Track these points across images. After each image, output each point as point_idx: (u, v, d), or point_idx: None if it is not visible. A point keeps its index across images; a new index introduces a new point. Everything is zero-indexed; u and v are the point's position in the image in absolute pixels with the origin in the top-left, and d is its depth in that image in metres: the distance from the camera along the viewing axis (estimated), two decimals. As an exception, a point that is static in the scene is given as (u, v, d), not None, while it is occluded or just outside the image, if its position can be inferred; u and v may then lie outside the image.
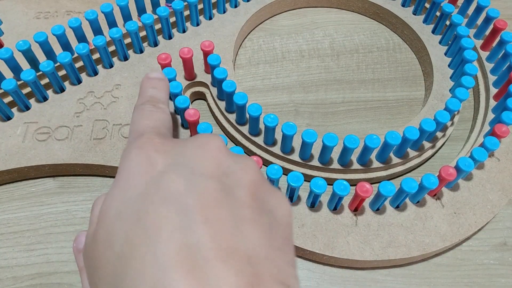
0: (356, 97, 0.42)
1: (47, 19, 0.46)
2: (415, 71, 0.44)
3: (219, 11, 0.46)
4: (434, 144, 0.36)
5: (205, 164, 0.17)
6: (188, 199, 0.15)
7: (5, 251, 0.32)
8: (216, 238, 0.14)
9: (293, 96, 0.42)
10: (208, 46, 0.37)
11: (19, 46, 0.36)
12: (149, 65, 0.41)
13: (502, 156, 0.35)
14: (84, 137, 0.36)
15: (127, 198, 0.16)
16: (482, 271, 0.32)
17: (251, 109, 0.33)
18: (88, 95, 0.38)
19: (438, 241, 0.31)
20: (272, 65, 0.44)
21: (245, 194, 0.16)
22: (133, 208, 0.16)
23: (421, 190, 0.30)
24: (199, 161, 0.17)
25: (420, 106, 0.41)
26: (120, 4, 0.40)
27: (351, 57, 0.45)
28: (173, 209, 0.15)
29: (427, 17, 0.45)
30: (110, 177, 0.36)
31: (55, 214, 0.34)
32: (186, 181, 0.16)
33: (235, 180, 0.17)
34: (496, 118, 0.37)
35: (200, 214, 0.15)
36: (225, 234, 0.14)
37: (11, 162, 0.34)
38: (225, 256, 0.14)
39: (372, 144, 0.31)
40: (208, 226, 0.14)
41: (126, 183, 0.17)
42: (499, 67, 0.40)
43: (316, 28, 0.48)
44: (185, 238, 0.14)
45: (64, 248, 0.32)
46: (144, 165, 0.17)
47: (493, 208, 0.32)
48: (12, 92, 0.35)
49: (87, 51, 0.37)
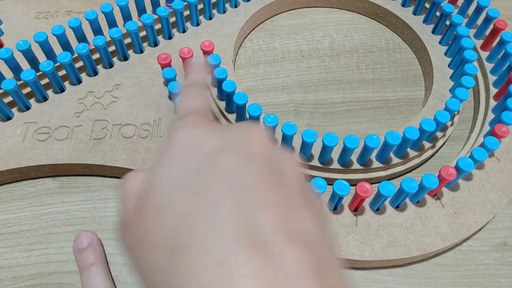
0: (356, 97, 0.42)
1: (47, 19, 0.46)
2: (415, 71, 0.44)
3: (219, 11, 0.46)
4: (434, 144, 0.36)
5: (255, 148, 0.17)
6: (243, 178, 0.15)
7: (5, 251, 0.32)
8: (276, 220, 0.14)
9: (293, 96, 0.42)
10: (208, 46, 0.37)
11: (19, 46, 0.36)
12: (149, 65, 0.41)
13: (502, 156, 0.35)
14: (84, 137, 0.36)
15: (182, 171, 0.16)
16: (482, 271, 0.32)
17: (251, 109, 0.33)
18: (88, 95, 0.38)
19: (438, 241, 0.31)
20: (272, 65, 0.44)
21: (294, 182, 0.17)
22: (189, 181, 0.15)
23: (421, 190, 0.30)
24: (249, 144, 0.17)
25: (420, 106, 0.41)
26: (120, 4, 0.40)
27: (351, 57, 0.45)
28: (230, 187, 0.15)
29: (427, 17, 0.45)
30: (110, 177, 0.36)
31: (55, 214, 0.34)
32: (239, 161, 0.16)
33: (282, 168, 0.17)
34: (496, 118, 0.37)
35: (257, 195, 0.15)
36: (284, 217, 0.14)
37: (11, 162, 0.34)
38: (288, 237, 0.14)
39: (372, 144, 0.31)
40: (267, 209, 0.14)
41: (179, 157, 0.17)
42: (499, 67, 0.40)
43: (316, 28, 0.48)
44: (245, 218, 0.14)
45: (64, 248, 0.32)
46: (197, 142, 0.17)
47: (493, 208, 0.32)
48: (12, 92, 0.35)
49: (87, 51, 0.37)
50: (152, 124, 0.37)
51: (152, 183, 0.17)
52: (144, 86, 0.39)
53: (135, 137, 0.36)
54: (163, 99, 0.38)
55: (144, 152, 0.35)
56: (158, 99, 0.38)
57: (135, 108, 0.38)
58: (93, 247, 0.29)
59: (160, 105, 0.38)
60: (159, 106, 0.38)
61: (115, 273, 0.30)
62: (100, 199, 0.34)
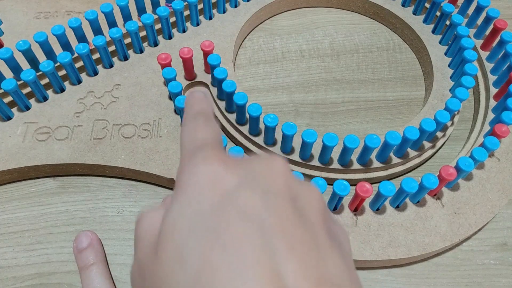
0: (356, 97, 0.42)
1: (47, 19, 0.46)
2: (415, 71, 0.44)
3: (219, 11, 0.45)
4: (434, 144, 0.36)
5: (276, 183, 0.16)
6: (266, 218, 0.14)
7: (5, 251, 0.32)
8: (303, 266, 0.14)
9: (293, 96, 0.42)
10: (208, 46, 0.37)
11: (19, 46, 0.36)
12: (149, 65, 0.41)
13: (502, 156, 0.35)
14: (84, 137, 0.36)
15: (199, 212, 0.15)
16: (482, 271, 0.32)
17: (251, 109, 0.33)
18: (88, 95, 0.38)
19: (438, 241, 0.31)
20: (272, 65, 0.44)
21: (317, 218, 0.16)
22: (207, 223, 0.14)
23: (421, 190, 0.30)
24: (270, 180, 0.16)
25: (420, 106, 0.41)
26: (120, 4, 0.40)
27: (351, 57, 0.45)
28: (253, 228, 0.14)
29: (427, 17, 0.45)
30: (110, 177, 0.36)
31: (55, 214, 0.34)
32: (261, 199, 0.15)
33: (305, 203, 0.16)
34: (496, 118, 0.37)
35: (282, 236, 0.14)
36: (312, 261, 0.14)
37: (11, 162, 0.34)
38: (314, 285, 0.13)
39: (372, 144, 0.31)
40: (294, 253, 0.14)
41: (196, 195, 0.16)
42: (499, 67, 0.40)
43: (316, 28, 0.48)
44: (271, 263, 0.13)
45: (64, 248, 0.32)
46: (215, 179, 0.16)
47: (493, 208, 0.32)
48: (12, 92, 0.35)
49: (87, 51, 0.37)
50: (152, 124, 0.37)
51: (167, 225, 0.15)
52: (144, 86, 0.39)
53: (135, 137, 0.36)
54: (163, 99, 0.38)
55: (144, 152, 0.35)
56: (158, 99, 0.38)
57: (135, 108, 0.38)
58: (93, 247, 0.29)
59: (160, 105, 0.38)
60: (159, 106, 0.38)
61: (115, 273, 0.30)
62: (100, 199, 0.34)
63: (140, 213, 0.18)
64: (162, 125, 0.37)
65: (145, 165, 0.34)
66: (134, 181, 0.36)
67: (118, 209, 0.34)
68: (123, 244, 0.32)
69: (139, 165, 0.34)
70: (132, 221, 0.33)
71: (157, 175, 0.34)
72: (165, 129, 0.36)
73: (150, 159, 0.34)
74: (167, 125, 0.37)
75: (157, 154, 0.35)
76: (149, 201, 0.34)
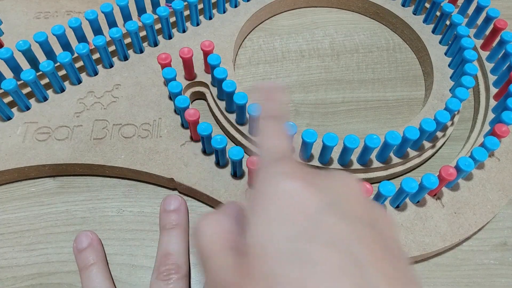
0: (356, 97, 0.42)
1: (47, 19, 0.46)
2: (415, 71, 0.44)
3: (219, 11, 0.45)
4: (434, 144, 0.36)
5: (356, 208, 0.16)
6: (353, 245, 0.15)
7: (5, 251, 0.32)
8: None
9: (293, 96, 0.42)
10: (208, 46, 0.37)
11: (19, 46, 0.36)
12: (149, 65, 0.41)
13: (502, 156, 0.35)
14: (84, 137, 0.36)
15: (286, 235, 0.15)
16: (482, 271, 0.32)
17: (251, 109, 0.33)
18: (88, 95, 0.38)
19: (438, 241, 0.31)
20: (272, 65, 0.44)
21: (396, 245, 0.16)
22: (297, 248, 0.15)
23: (421, 190, 0.30)
24: (350, 203, 0.17)
25: (420, 106, 0.41)
26: (120, 4, 0.40)
27: (351, 57, 0.45)
28: (344, 256, 0.14)
29: (427, 17, 0.45)
30: (110, 177, 0.36)
31: (55, 214, 0.34)
32: (347, 226, 0.15)
33: (381, 228, 0.17)
34: (496, 118, 0.37)
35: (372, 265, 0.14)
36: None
37: (11, 162, 0.34)
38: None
39: (372, 144, 0.31)
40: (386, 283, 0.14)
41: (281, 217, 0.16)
42: (499, 67, 0.40)
43: (316, 28, 0.48)
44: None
45: (64, 248, 0.32)
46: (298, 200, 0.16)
47: (493, 208, 0.32)
48: (12, 92, 0.35)
49: (87, 51, 0.37)
50: (152, 124, 0.37)
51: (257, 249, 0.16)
52: (144, 86, 0.39)
53: (135, 137, 0.36)
54: (163, 99, 0.38)
55: (144, 152, 0.35)
56: (158, 99, 0.38)
57: (135, 108, 0.38)
58: (93, 247, 0.29)
59: (160, 105, 0.38)
60: (159, 106, 0.38)
61: (115, 273, 0.30)
62: (100, 199, 0.34)
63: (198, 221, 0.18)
64: (162, 125, 0.37)
65: (145, 165, 0.34)
66: (134, 181, 0.36)
67: (118, 209, 0.34)
68: (123, 244, 0.32)
69: (139, 165, 0.34)
70: (132, 221, 0.33)
71: (157, 175, 0.34)
72: (165, 129, 0.36)
73: (150, 159, 0.34)
74: (167, 125, 0.37)
75: (157, 154, 0.35)
76: (149, 201, 0.34)
